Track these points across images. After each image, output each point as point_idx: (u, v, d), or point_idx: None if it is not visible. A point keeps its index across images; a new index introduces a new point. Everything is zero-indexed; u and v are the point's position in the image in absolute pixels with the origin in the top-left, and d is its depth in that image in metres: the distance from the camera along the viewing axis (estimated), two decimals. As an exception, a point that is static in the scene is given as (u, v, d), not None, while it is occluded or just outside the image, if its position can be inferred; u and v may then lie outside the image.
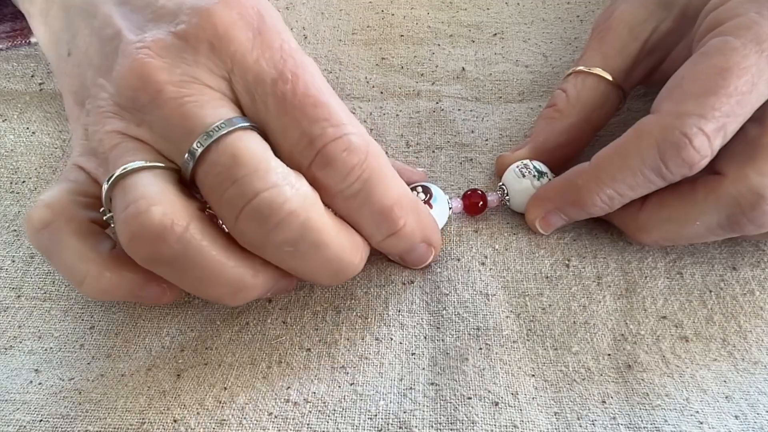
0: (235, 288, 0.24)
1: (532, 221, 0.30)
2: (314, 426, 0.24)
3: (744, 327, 0.27)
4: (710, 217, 0.26)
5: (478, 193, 0.31)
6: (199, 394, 0.25)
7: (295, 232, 0.23)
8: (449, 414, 0.24)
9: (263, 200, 0.22)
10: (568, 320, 0.27)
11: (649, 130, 0.26)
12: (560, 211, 0.29)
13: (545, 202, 0.29)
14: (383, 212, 0.25)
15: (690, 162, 0.25)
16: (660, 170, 0.25)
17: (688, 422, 0.24)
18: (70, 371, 0.26)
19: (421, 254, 0.28)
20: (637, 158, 0.26)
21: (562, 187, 0.29)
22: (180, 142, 0.23)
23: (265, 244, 0.23)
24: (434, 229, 0.28)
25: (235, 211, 0.22)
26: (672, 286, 0.29)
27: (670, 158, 0.25)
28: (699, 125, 0.24)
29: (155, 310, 0.28)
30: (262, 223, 0.22)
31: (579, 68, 0.32)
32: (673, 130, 0.25)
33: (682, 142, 0.25)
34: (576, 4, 0.42)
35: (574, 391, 0.25)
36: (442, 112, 0.36)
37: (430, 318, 0.27)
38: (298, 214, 0.22)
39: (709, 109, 0.24)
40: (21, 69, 0.38)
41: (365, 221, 0.25)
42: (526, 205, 0.30)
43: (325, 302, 0.28)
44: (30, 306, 0.28)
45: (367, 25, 0.41)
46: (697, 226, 0.26)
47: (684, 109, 0.25)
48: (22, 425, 0.24)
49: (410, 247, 0.27)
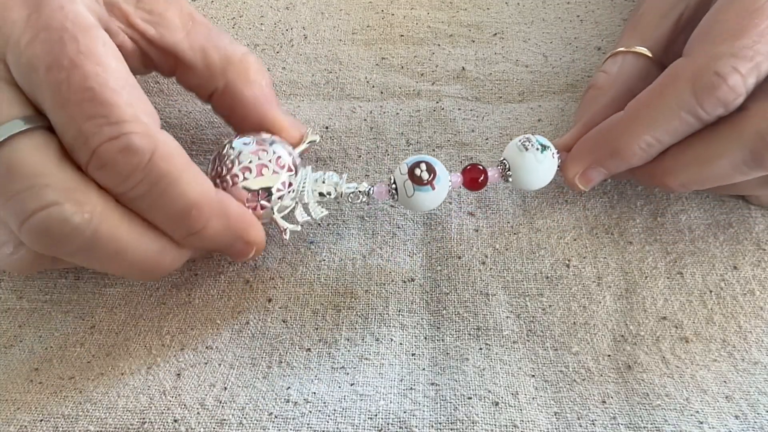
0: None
1: (572, 178, 0.29)
2: (314, 426, 0.24)
3: (744, 327, 0.27)
4: (734, 153, 0.26)
5: (479, 167, 0.29)
6: (200, 394, 0.25)
7: (81, 247, 0.22)
8: (449, 414, 0.24)
9: (39, 220, 0.21)
10: (568, 320, 0.27)
11: (683, 72, 0.25)
12: (599, 165, 0.28)
13: (584, 157, 0.28)
14: (178, 215, 0.23)
15: (725, 101, 0.25)
16: (696, 111, 0.25)
17: (688, 422, 0.24)
18: (70, 370, 0.26)
19: (238, 252, 0.26)
20: (673, 101, 0.26)
21: (599, 139, 0.28)
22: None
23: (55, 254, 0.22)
24: (251, 227, 0.26)
25: (16, 225, 0.21)
26: (672, 286, 0.29)
27: (705, 98, 0.25)
28: (733, 64, 0.24)
29: (156, 310, 0.28)
30: (42, 240, 0.21)
31: (619, 49, 0.32)
32: (707, 70, 0.25)
33: (717, 82, 0.25)
34: (576, 4, 0.42)
35: (574, 391, 0.25)
36: (443, 111, 0.36)
37: (430, 318, 0.27)
38: (82, 231, 0.21)
39: (741, 49, 0.24)
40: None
41: (160, 222, 0.24)
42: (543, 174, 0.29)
43: (325, 301, 0.28)
44: (31, 306, 0.28)
45: (367, 25, 0.41)
46: (722, 164, 0.26)
47: (717, 50, 0.25)
48: (22, 425, 0.24)
49: (219, 246, 0.26)
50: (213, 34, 0.28)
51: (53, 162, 0.21)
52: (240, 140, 0.28)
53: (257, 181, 0.27)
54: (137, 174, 0.22)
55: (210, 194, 0.24)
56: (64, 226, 0.21)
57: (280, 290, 0.28)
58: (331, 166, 0.33)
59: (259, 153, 0.27)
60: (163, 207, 0.23)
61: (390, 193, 0.28)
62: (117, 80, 0.22)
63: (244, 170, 0.27)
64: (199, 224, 0.24)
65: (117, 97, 0.21)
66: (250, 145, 0.27)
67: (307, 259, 0.30)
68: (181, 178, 0.23)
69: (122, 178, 0.22)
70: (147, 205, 0.23)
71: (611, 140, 0.27)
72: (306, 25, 0.41)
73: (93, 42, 0.22)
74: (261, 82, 0.29)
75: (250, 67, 0.28)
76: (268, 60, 0.38)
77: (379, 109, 0.36)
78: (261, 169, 0.27)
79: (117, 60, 0.22)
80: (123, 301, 0.28)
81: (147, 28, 0.27)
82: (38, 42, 0.21)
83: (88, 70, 0.21)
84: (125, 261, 0.23)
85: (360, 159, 0.33)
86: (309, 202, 0.28)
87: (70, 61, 0.21)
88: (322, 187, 0.28)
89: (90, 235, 0.22)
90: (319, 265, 0.29)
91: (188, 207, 0.23)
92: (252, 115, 0.29)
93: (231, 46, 0.29)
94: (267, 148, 0.27)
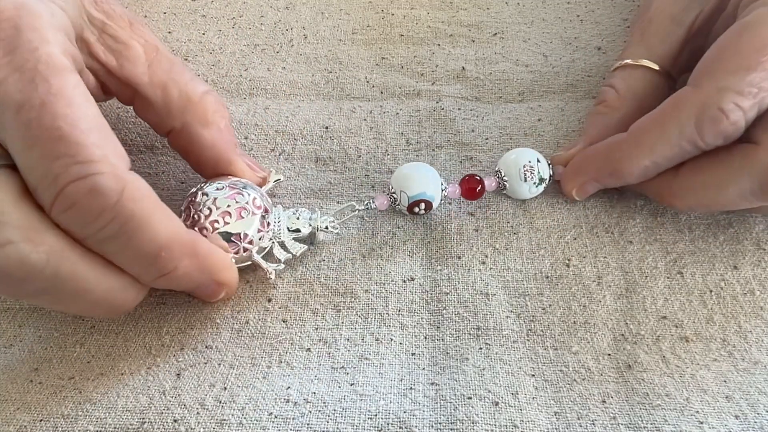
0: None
1: (569, 190, 0.31)
2: (314, 426, 0.24)
3: (744, 327, 0.27)
4: (743, 183, 0.26)
5: (476, 178, 0.31)
6: (200, 394, 0.25)
7: (43, 288, 0.21)
8: (449, 414, 0.24)
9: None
10: (568, 320, 0.27)
11: (688, 104, 0.26)
12: (597, 181, 0.30)
13: (583, 174, 0.30)
14: (149, 257, 0.23)
15: (725, 134, 0.26)
16: (696, 142, 0.26)
17: (688, 422, 0.24)
18: (70, 370, 0.26)
19: (209, 293, 0.26)
20: (676, 131, 0.26)
21: (600, 158, 0.29)
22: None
23: (18, 297, 0.22)
24: (224, 268, 0.26)
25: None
26: (672, 285, 0.29)
27: (707, 131, 0.26)
28: (736, 101, 0.25)
29: (155, 310, 0.28)
30: (3, 281, 0.21)
31: (625, 62, 0.32)
32: (711, 105, 0.25)
33: (719, 117, 0.25)
34: (576, 4, 0.42)
35: (574, 390, 0.25)
36: (443, 111, 0.36)
37: (430, 317, 0.27)
38: (41, 271, 0.21)
39: (746, 86, 0.25)
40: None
41: (128, 264, 0.23)
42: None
43: (325, 301, 0.28)
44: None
45: (367, 25, 0.41)
46: (729, 192, 0.27)
47: (722, 84, 0.25)
48: (22, 425, 0.24)
49: (190, 287, 0.26)
50: (175, 69, 0.28)
51: (11, 200, 0.21)
52: (212, 186, 0.28)
53: (237, 225, 0.27)
54: (105, 215, 0.21)
55: (181, 234, 0.24)
56: (22, 266, 0.21)
57: (280, 290, 0.28)
58: (331, 166, 0.33)
59: (236, 197, 0.27)
60: (132, 249, 0.22)
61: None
62: (87, 121, 0.22)
63: (224, 215, 0.27)
64: (170, 265, 0.23)
65: (86, 137, 0.21)
66: (224, 190, 0.28)
67: (307, 259, 0.30)
68: (150, 219, 0.22)
69: (89, 220, 0.21)
70: (115, 247, 0.22)
71: (612, 161, 0.29)
72: (306, 25, 0.41)
73: (64, 84, 0.22)
74: (219, 124, 0.28)
75: (208, 108, 0.28)
76: (268, 60, 0.38)
77: (379, 109, 0.36)
78: (240, 212, 0.27)
79: (88, 102, 0.22)
80: (123, 301, 0.28)
81: (108, 59, 0.27)
82: (10, 82, 0.21)
83: (57, 111, 0.21)
84: (88, 300, 0.23)
85: (360, 159, 0.33)
86: (285, 240, 0.29)
87: (41, 101, 0.21)
88: (297, 224, 0.29)
89: (50, 274, 0.21)
90: (318, 265, 0.29)
91: (158, 248, 0.23)
92: (208, 156, 0.28)
93: (192, 83, 0.28)
94: (241, 191, 0.28)
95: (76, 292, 0.22)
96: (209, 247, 0.25)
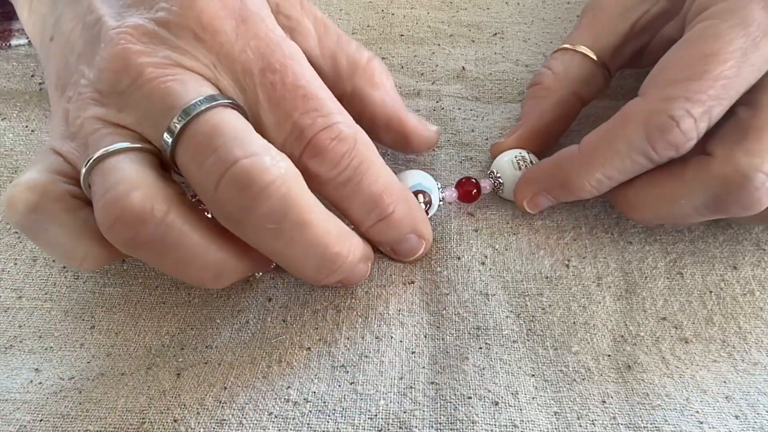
0: (217, 272, 0.24)
1: (520, 201, 0.30)
2: (314, 426, 0.24)
3: (744, 328, 0.27)
4: (697, 196, 0.26)
5: (472, 181, 0.31)
6: (199, 394, 0.25)
7: (275, 205, 0.22)
8: (449, 413, 0.24)
9: (243, 167, 0.21)
10: (568, 320, 0.27)
11: (636, 113, 0.26)
12: (548, 193, 0.30)
13: (533, 185, 0.30)
14: (373, 198, 0.25)
15: (676, 144, 0.25)
16: (647, 153, 0.26)
17: (688, 422, 0.24)
18: (70, 370, 0.26)
19: (413, 246, 0.28)
20: (625, 142, 0.26)
21: (550, 170, 0.29)
22: (160, 121, 0.23)
23: (245, 219, 0.22)
24: (424, 221, 0.28)
25: (215, 179, 0.22)
26: (672, 286, 0.29)
27: (657, 141, 0.25)
28: (686, 107, 0.25)
29: (155, 310, 0.28)
30: (241, 192, 0.22)
31: (564, 46, 0.33)
32: (660, 113, 0.25)
33: (669, 125, 0.25)
34: (576, 3, 0.42)
35: (574, 390, 0.25)
36: (443, 111, 0.36)
37: (430, 317, 0.27)
38: (279, 186, 0.22)
39: (694, 93, 0.25)
40: (21, 68, 0.38)
41: (355, 207, 0.25)
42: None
43: (326, 301, 0.28)
44: (31, 306, 0.28)
45: (367, 25, 0.41)
46: (683, 205, 0.26)
47: (670, 93, 0.25)
48: (22, 425, 0.24)
49: (399, 235, 0.27)
50: (342, 40, 0.30)
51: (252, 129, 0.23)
52: None
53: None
54: (345, 159, 0.24)
55: (396, 181, 0.27)
56: (263, 178, 0.22)
57: (280, 290, 0.28)
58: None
59: None
60: (361, 191, 0.25)
61: None
62: (317, 80, 0.25)
63: None
64: (389, 208, 0.26)
65: (323, 93, 0.24)
66: None
67: (307, 258, 0.30)
68: (376, 162, 0.25)
69: (333, 164, 0.24)
70: (348, 190, 0.25)
71: (563, 174, 0.28)
72: (306, 24, 0.41)
73: (292, 48, 0.25)
74: (386, 85, 0.30)
75: (375, 71, 0.30)
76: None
77: (379, 108, 0.36)
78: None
79: (308, 63, 0.25)
80: (122, 301, 0.28)
81: None
82: (249, 49, 0.24)
83: (297, 71, 0.24)
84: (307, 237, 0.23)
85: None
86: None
87: (281, 64, 0.24)
88: None
89: (284, 193, 0.22)
90: (319, 265, 0.29)
91: (380, 190, 0.25)
92: (380, 116, 0.30)
93: (358, 51, 0.30)
94: None
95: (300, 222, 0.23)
96: (413, 197, 0.28)
